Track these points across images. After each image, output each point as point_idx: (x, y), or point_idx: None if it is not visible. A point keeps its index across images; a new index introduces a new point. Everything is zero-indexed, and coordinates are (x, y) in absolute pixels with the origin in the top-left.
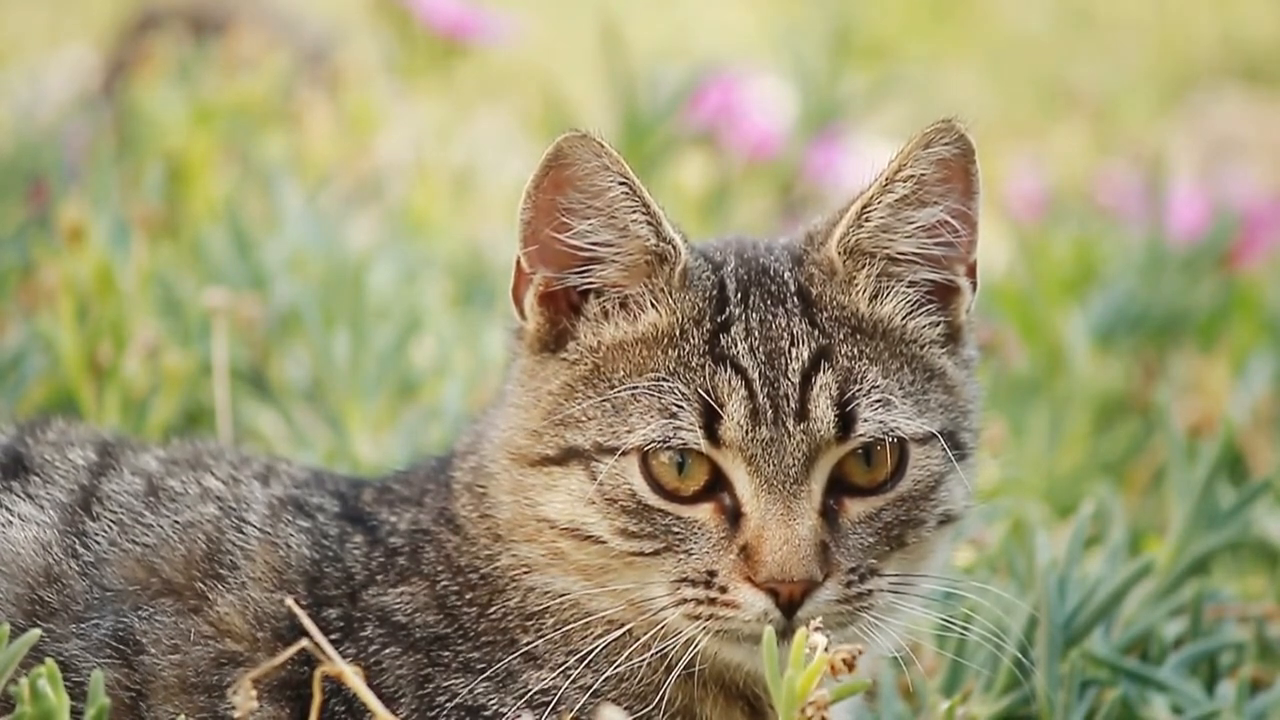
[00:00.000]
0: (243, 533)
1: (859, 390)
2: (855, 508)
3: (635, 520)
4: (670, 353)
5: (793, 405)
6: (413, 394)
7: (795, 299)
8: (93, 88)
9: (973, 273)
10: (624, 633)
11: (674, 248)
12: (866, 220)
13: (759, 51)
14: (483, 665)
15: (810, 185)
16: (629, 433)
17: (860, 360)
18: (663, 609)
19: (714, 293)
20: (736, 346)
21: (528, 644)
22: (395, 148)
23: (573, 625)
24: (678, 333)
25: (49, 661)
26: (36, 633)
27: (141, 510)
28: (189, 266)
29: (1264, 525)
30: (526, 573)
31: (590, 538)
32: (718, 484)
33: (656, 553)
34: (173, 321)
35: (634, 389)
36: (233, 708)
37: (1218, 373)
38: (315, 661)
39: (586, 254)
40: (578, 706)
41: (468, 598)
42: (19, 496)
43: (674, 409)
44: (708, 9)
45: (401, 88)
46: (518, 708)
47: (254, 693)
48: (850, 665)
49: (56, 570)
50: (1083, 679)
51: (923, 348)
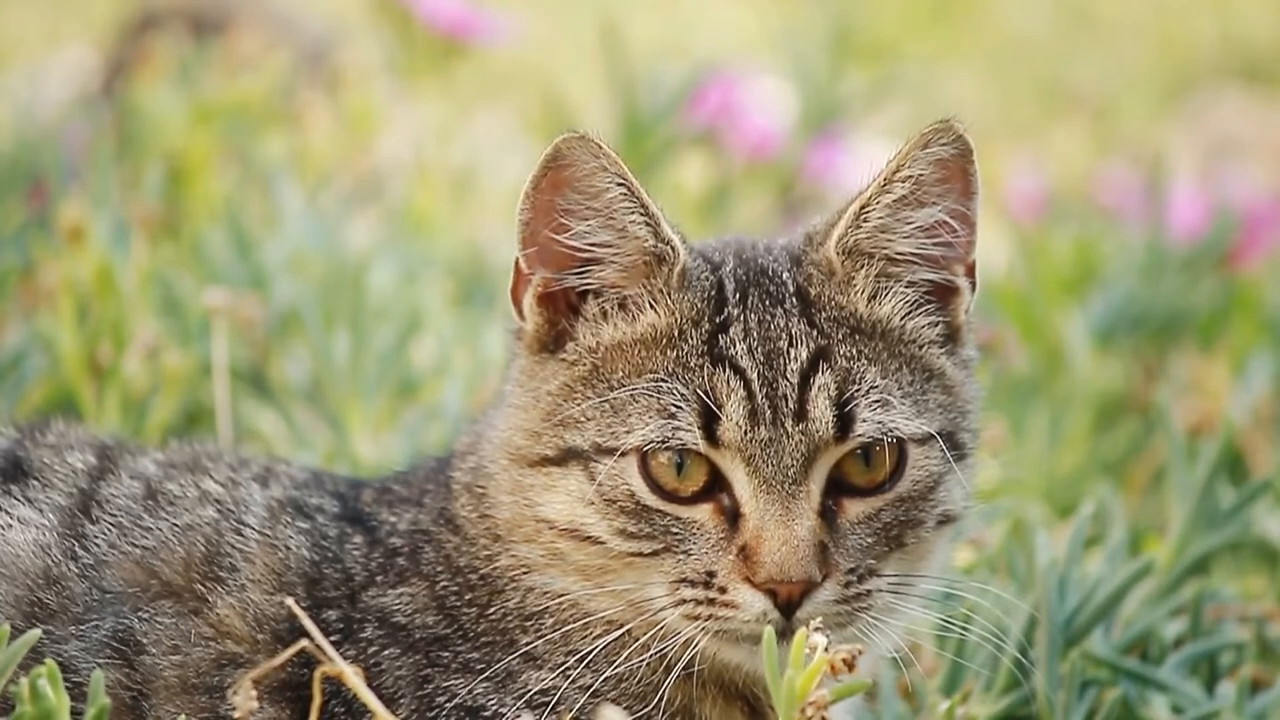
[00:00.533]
0: (242, 535)
1: (858, 390)
2: (854, 508)
3: (634, 521)
4: (669, 353)
5: (791, 406)
6: (413, 394)
7: (794, 299)
8: (93, 88)
9: (971, 273)
10: (623, 633)
11: (672, 248)
12: (865, 221)
13: (759, 51)
14: (482, 666)
15: (810, 185)
16: (628, 433)
17: (859, 360)
18: (662, 609)
19: (712, 293)
20: (735, 347)
21: (527, 644)
22: (395, 148)
23: (572, 626)
24: (676, 333)
25: (49, 661)
26: (36, 633)
27: (140, 513)
28: (189, 266)
29: (1264, 525)
30: (526, 573)
31: (589, 538)
32: (716, 484)
33: (655, 553)
34: (173, 321)
35: (633, 390)
36: (233, 709)
37: (1218, 373)
38: (315, 662)
39: (585, 255)
40: (577, 707)
41: (467, 598)
42: (18, 500)
43: (673, 409)
44: (708, 9)
45: (401, 88)
46: (517, 708)
47: (254, 694)
48: (850, 665)
49: (56, 572)
50: (1083, 679)
51: (921, 348)
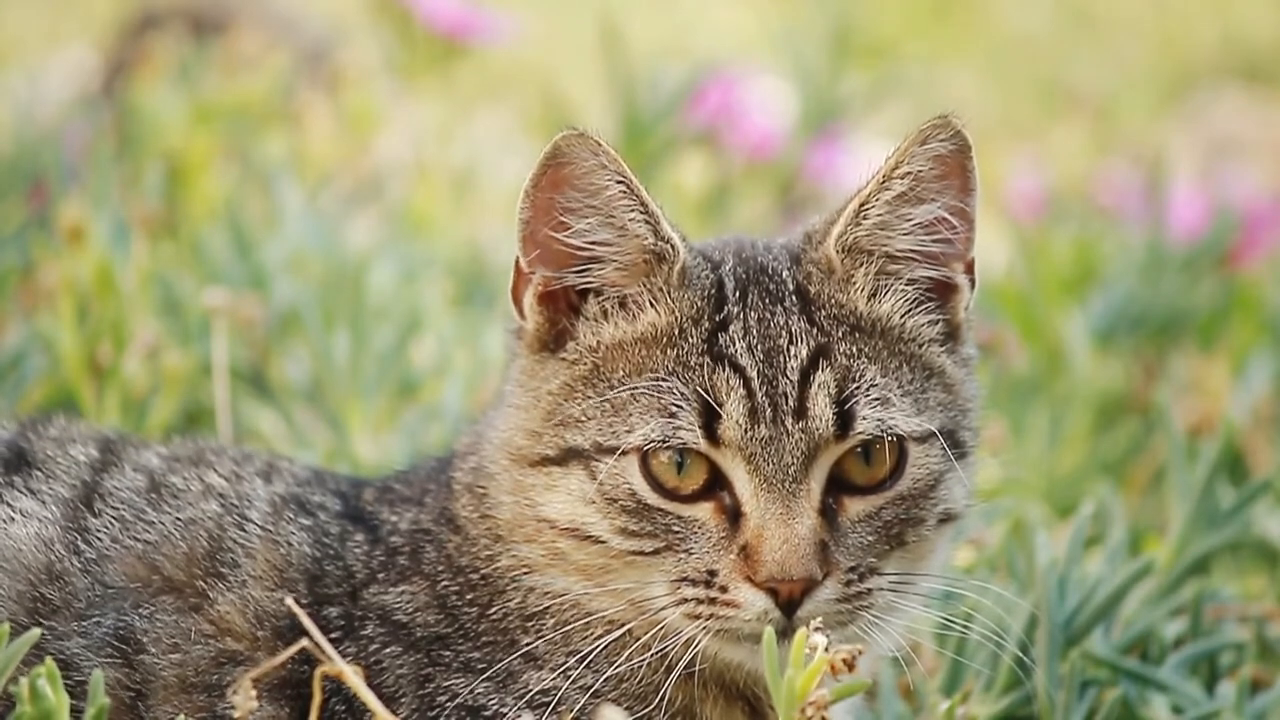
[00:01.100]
0: (244, 530)
1: (857, 388)
2: (855, 506)
3: (635, 520)
4: (669, 352)
5: (791, 404)
6: (413, 394)
7: (793, 297)
8: (93, 88)
9: (970, 270)
10: (624, 633)
11: (672, 247)
12: (864, 218)
13: (759, 51)
14: (483, 665)
15: (810, 185)
16: (628, 432)
17: (859, 358)
18: (663, 609)
19: (712, 291)
20: (735, 345)
21: (528, 644)
22: (395, 148)
23: (573, 625)
24: (676, 332)
25: (48, 661)
26: (36, 632)
27: (143, 507)
28: (189, 266)
29: (1264, 525)
30: (527, 573)
31: (590, 537)
32: (717, 483)
33: (656, 552)
34: (173, 321)
35: (633, 389)
36: (232, 707)
37: (1218, 373)
38: (315, 660)
39: (585, 253)
40: (578, 707)
41: (468, 598)
42: (21, 492)
43: (673, 408)
44: (708, 9)
45: (401, 88)
46: (518, 708)
47: (254, 692)
48: (850, 665)
49: (58, 567)
50: (1083, 679)
51: (921, 346)
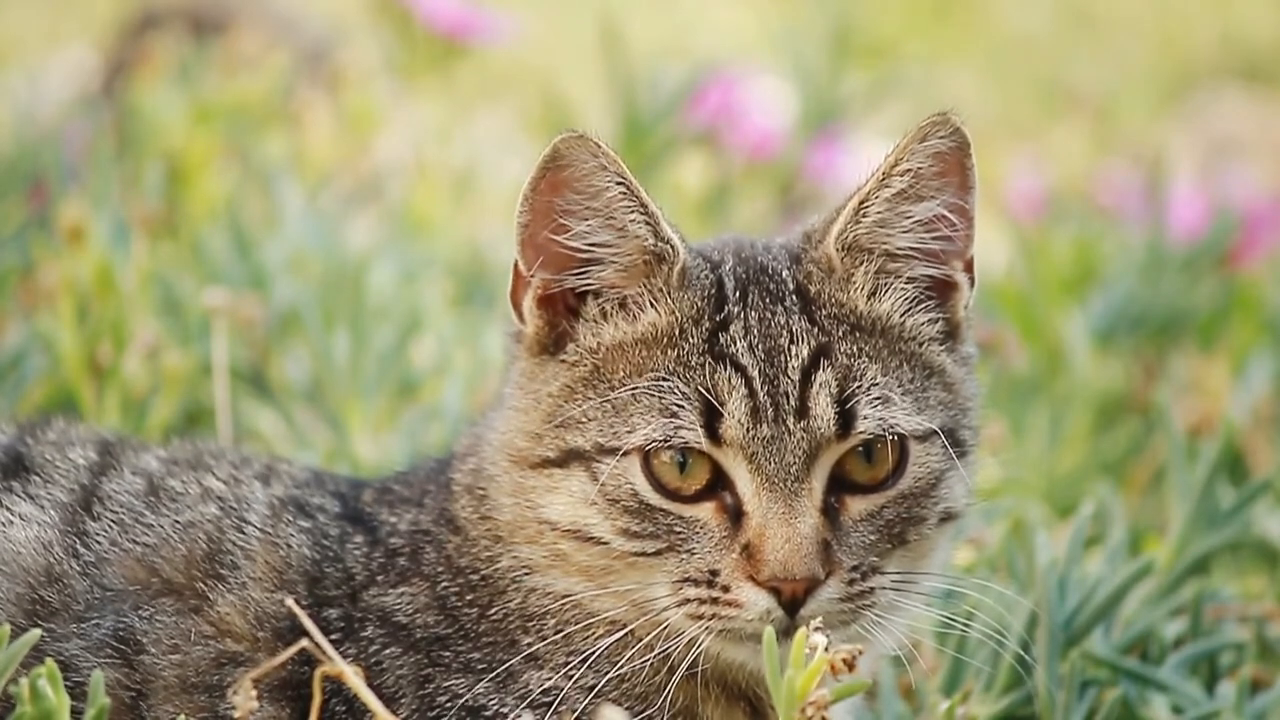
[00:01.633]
0: (243, 533)
1: (858, 387)
2: (856, 505)
3: (637, 520)
4: (670, 352)
5: (793, 403)
6: (413, 394)
7: (794, 297)
8: (93, 88)
9: (970, 268)
10: (626, 634)
11: (672, 247)
12: (864, 216)
13: (759, 51)
14: (483, 666)
15: (810, 185)
16: (630, 433)
17: (859, 358)
18: (665, 609)
19: (712, 291)
20: (736, 345)
21: (528, 645)
22: (395, 148)
23: (574, 627)
24: (677, 332)
25: (49, 661)
26: (36, 633)
27: (142, 510)
28: (189, 266)
29: (1264, 525)
30: (528, 574)
31: (592, 539)
32: (719, 483)
33: (659, 553)
34: (173, 321)
35: (634, 389)
36: (233, 708)
37: (1218, 373)
38: (316, 661)
39: (585, 255)
40: (579, 707)
41: (468, 599)
42: (20, 496)
43: (674, 408)
44: (708, 9)
45: (401, 88)
46: (518, 708)
47: (254, 693)
48: (850, 665)
49: (57, 570)
50: (1083, 679)
51: (921, 345)
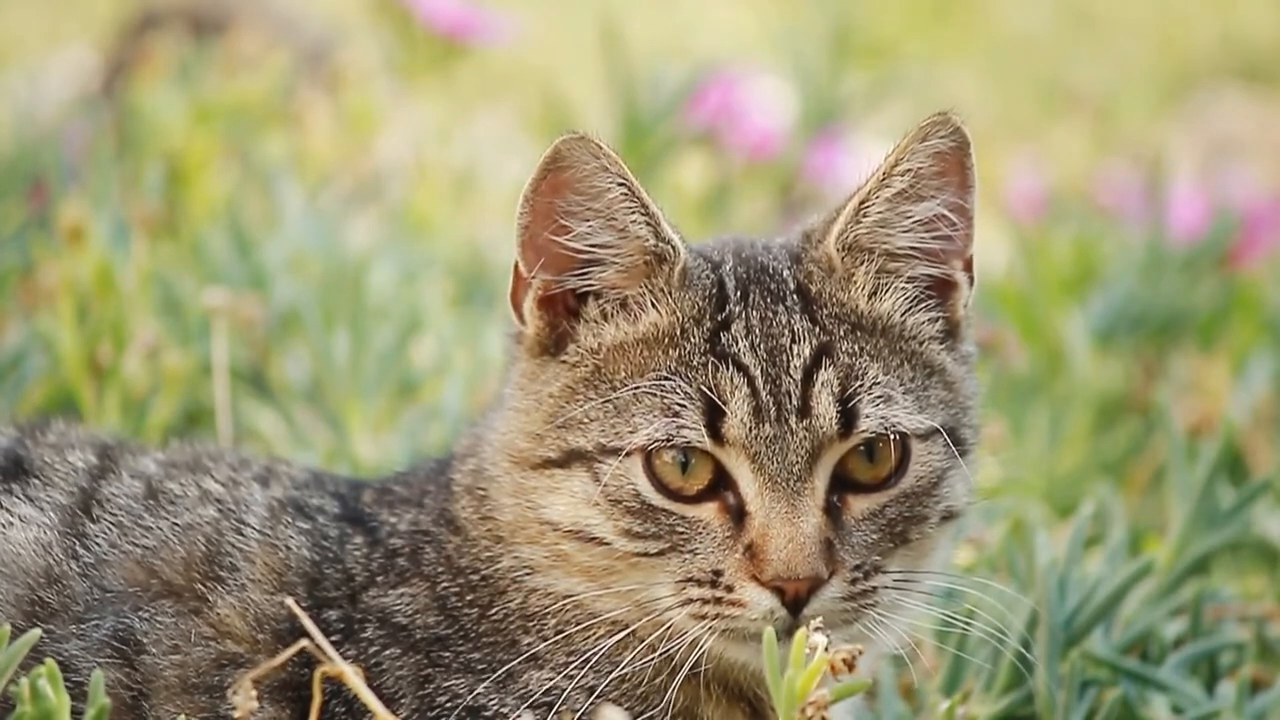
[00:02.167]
0: (242, 535)
1: (860, 386)
2: (859, 504)
3: (639, 521)
4: (671, 352)
5: (795, 402)
6: (413, 394)
7: (795, 296)
8: (93, 88)
9: (970, 267)
10: (628, 634)
11: (673, 248)
12: (864, 216)
13: (759, 51)
14: (483, 666)
15: (810, 185)
16: (632, 433)
17: (861, 357)
18: (668, 609)
19: (713, 291)
20: (738, 344)
21: (529, 645)
22: (395, 148)
23: (575, 627)
24: (678, 332)
25: (49, 661)
26: (36, 633)
27: (141, 512)
28: (189, 266)
29: (1264, 525)
30: (529, 574)
31: (594, 539)
32: (721, 483)
33: (661, 553)
34: (173, 321)
35: (636, 389)
36: (233, 708)
37: (1218, 373)
38: (316, 662)
39: (586, 256)
40: (580, 708)
41: (469, 599)
42: (19, 499)
43: (677, 408)
44: (708, 9)
45: (401, 88)
46: (519, 708)
47: (254, 693)
48: (850, 665)
49: (57, 571)
50: (1083, 679)
51: (922, 344)
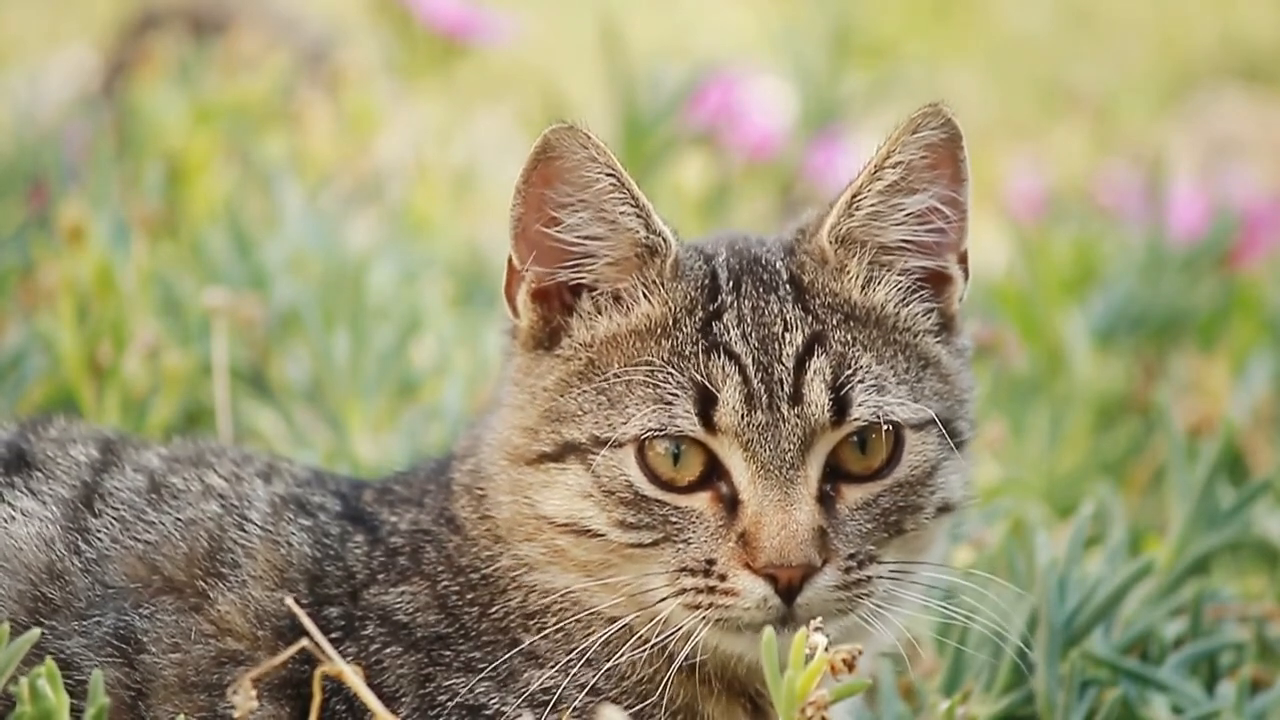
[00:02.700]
0: (244, 531)
1: (852, 375)
2: (852, 494)
3: (633, 511)
4: (664, 343)
5: (787, 390)
6: (413, 394)
7: (787, 286)
8: (93, 88)
9: (964, 260)
10: (623, 628)
11: (664, 240)
12: (857, 209)
13: (759, 51)
14: (484, 665)
15: (810, 185)
16: (625, 424)
17: (853, 346)
18: (662, 600)
19: (706, 282)
20: (729, 333)
21: (529, 643)
22: (395, 148)
23: (574, 623)
24: (671, 323)
25: (48, 661)
26: (36, 632)
27: (143, 507)
28: (189, 266)
29: (1264, 525)
30: (527, 572)
31: (589, 531)
32: (714, 472)
33: (655, 543)
34: (173, 321)
35: (629, 380)
36: (233, 706)
37: (1218, 373)
38: (316, 660)
39: (578, 249)
40: (579, 706)
41: (469, 598)
42: (22, 492)
43: (669, 398)
44: (708, 9)
45: (401, 88)
46: (519, 706)
47: (254, 691)
48: (850, 665)
49: (59, 567)
50: (1083, 679)
51: (916, 336)
